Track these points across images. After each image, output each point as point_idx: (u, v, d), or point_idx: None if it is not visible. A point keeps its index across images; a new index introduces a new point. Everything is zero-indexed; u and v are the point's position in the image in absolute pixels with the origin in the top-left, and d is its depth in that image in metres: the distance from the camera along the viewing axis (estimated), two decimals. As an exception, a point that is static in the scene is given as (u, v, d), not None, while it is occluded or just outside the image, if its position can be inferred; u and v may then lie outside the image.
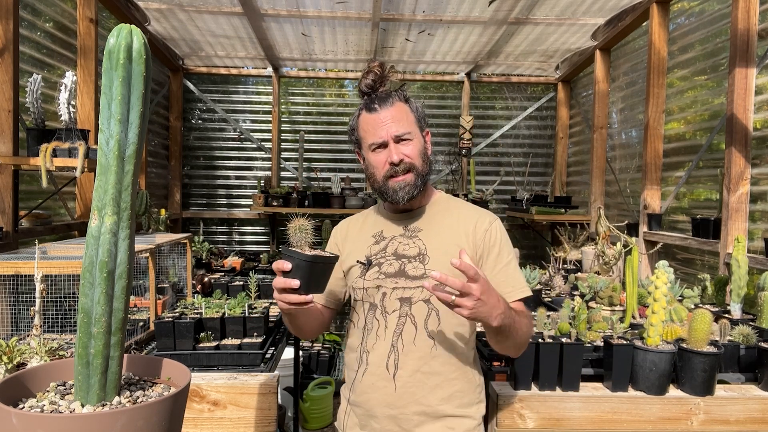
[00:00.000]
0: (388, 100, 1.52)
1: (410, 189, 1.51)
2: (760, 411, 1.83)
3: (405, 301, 1.50)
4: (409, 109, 1.56)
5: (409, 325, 1.49)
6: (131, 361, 1.01)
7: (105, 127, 0.86)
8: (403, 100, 1.55)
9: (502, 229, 1.59)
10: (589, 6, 3.92)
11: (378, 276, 1.53)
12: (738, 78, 2.80)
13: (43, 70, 3.29)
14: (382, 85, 1.57)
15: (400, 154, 1.50)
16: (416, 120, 1.56)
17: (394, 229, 1.61)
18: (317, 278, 1.32)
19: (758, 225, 2.97)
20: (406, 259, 1.53)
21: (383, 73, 1.56)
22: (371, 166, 1.56)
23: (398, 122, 1.51)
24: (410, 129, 1.52)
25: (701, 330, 1.82)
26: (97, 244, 0.86)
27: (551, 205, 4.94)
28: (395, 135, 1.50)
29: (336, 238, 1.71)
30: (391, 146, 1.51)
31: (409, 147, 1.52)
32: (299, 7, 3.97)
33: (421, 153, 1.54)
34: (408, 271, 1.51)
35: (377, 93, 1.55)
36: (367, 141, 1.55)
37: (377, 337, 1.51)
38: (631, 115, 4.51)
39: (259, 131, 5.77)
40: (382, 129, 1.51)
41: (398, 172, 1.50)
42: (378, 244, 1.60)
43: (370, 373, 1.51)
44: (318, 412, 3.95)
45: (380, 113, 1.51)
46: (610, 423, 1.81)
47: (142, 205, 3.67)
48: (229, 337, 2.18)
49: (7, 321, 2.01)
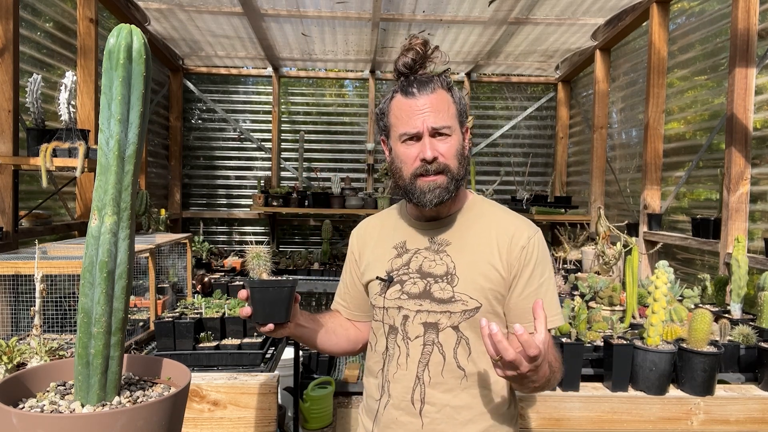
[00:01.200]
0: (429, 86, 1.30)
1: (441, 193, 1.30)
2: (760, 411, 1.82)
3: (430, 326, 1.31)
4: (452, 100, 1.33)
5: (437, 354, 1.31)
6: (131, 361, 1.01)
7: (105, 127, 0.86)
8: (446, 88, 1.33)
9: (541, 244, 1.36)
10: (589, 6, 3.92)
11: (400, 296, 1.35)
12: (738, 78, 2.80)
13: (43, 70, 3.29)
14: (423, 68, 1.34)
15: (435, 151, 1.28)
16: (457, 113, 1.34)
17: (418, 240, 1.41)
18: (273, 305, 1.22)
19: (758, 225, 2.97)
20: (432, 279, 1.33)
21: (425, 53, 1.33)
22: (398, 160, 1.34)
23: (438, 113, 1.29)
24: (450, 123, 1.30)
25: (701, 330, 1.82)
26: (97, 244, 0.86)
27: (551, 205, 4.94)
28: (432, 127, 1.28)
29: (352, 248, 1.52)
30: (425, 140, 1.29)
31: (447, 144, 1.30)
32: (299, 7, 3.97)
33: (458, 153, 1.32)
34: (434, 292, 1.32)
35: (416, 75, 1.33)
36: (398, 129, 1.32)
37: (398, 366, 1.33)
38: (631, 115, 4.51)
39: (259, 131, 5.77)
40: (417, 118, 1.29)
41: (429, 172, 1.29)
42: (400, 257, 1.40)
43: (393, 406, 1.33)
44: (318, 412, 3.95)
45: (418, 99, 1.29)
46: (610, 423, 1.81)
47: (142, 205, 3.67)
48: (229, 337, 2.18)
49: (7, 321, 2.01)
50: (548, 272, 1.36)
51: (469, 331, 1.30)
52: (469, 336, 1.31)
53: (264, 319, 1.23)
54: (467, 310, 1.30)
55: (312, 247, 5.67)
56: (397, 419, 1.33)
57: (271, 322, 1.24)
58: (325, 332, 1.46)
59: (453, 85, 1.36)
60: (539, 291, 1.33)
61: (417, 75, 1.33)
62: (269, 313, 1.23)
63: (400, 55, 1.33)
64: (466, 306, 1.30)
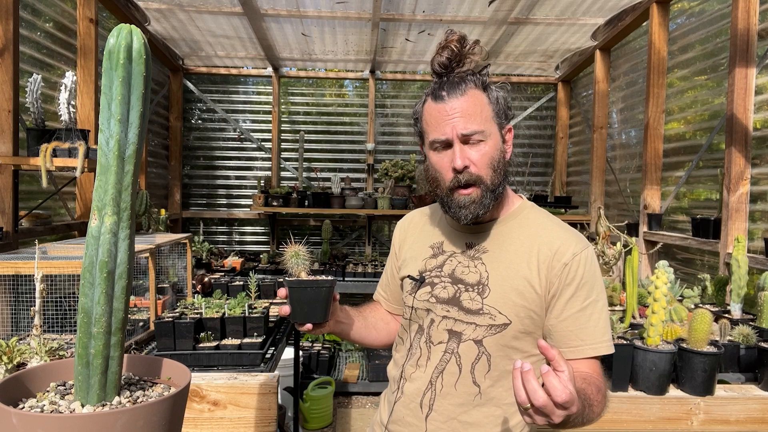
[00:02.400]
0: (460, 87, 1.21)
1: (475, 208, 1.22)
2: (760, 411, 1.82)
3: (454, 335, 1.26)
4: (487, 100, 1.23)
5: (453, 365, 1.25)
6: (131, 361, 1.01)
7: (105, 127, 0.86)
8: (479, 88, 1.23)
9: (589, 262, 1.23)
10: (589, 6, 3.92)
11: (429, 298, 1.30)
12: (738, 78, 2.80)
13: (43, 70, 3.29)
14: (460, 66, 1.24)
15: (465, 159, 1.20)
16: (494, 114, 1.24)
17: (456, 243, 1.34)
18: (312, 305, 1.21)
19: (758, 225, 2.97)
20: (463, 286, 1.27)
21: (462, 50, 1.23)
22: (433, 169, 1.27)
23: (468, 117, 1.20)
24: (483, 126, 1.21)
25: (701, 330, 1.82)
26: (97, 244, 0.86)
27: (551, 205, 4.94)
28: (462, 133, 1.20)
29: (394, 240, 1.50)
30: (456, 147, 1.21)
31: (480, 152, 1.21)
32: (299, 7, 3.97)
33: (493, 160, 1.22)
34: (463, 301, 1.25)
35: (449, 76, 1.24)
36: (429, 136, 1.25)
37: (417, 367, 1.30)
38: (631, 115, 4.51)
39: (259, 131, 5.77)
40: (447, 124, 1.20)
41: (461, 183, 1.22)
42: (435, 258, 1.35)
43: (403, 404, 1.32)
44: (318, 412, 3.95)
45: (447, 103, 1.21)
46: (610, 423, 1.81)
47: (142, 205, 3.67)
48: (229, 337, 2.18)
49: (7, 321, 2.01)
50: (596, 294, 1.23)
51: (493, 347, 1.23)
52: (492, 353, 1.23)
53: (303, 318, 1.23)
54: (494, 325, 1.23)
55: (312, 247, 5.64)
56: (404, 418, 1.31)
57: (309, 322, 1.23)
58: (365, 327, 1.45)
59: (490, 83, 1.26)
60: (583, 313, 1.21)
61: (450, 76, 1.24)
62: (308, 313, 1.22)
63: (436, 53, 1.26)
64: (493, 321, 1.23)
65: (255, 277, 2.78)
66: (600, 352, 1.21)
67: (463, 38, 1.24)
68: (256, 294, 2.68)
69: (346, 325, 1.39)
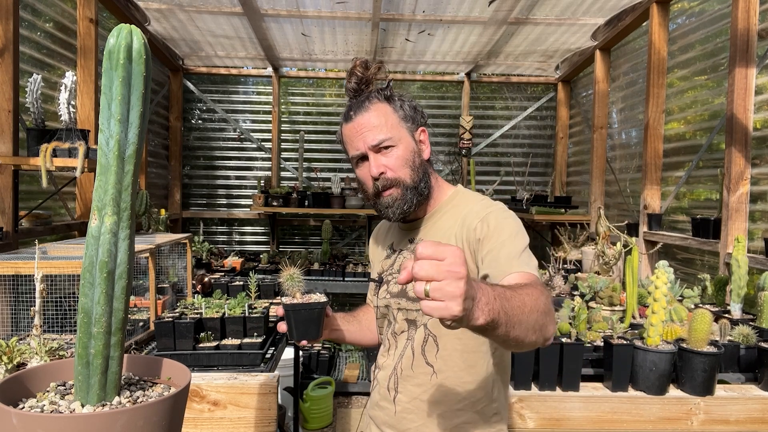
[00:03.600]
0: (364, 104, 1.34)
1: (400, 205, 1.33)
2: (760, 411, 1.82)
3: (411, 323, 1.38)
4: (391, 109, 1.35)
5: (409, 349, 1.38)
6: (131, 361, 1.01)
7: (105, 127, 0.86)
8: (382, 100, 1.35)
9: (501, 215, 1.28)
10: (589, 6, 3.92)
11: (386, 295, 1.44)
12: (738, 78, 2.80)
13: (43, 70, 3.29)
14: (369, 87, 1.37)
15: (380, 166, 1.32)
16: (401, 120, 1.35)
17: (402, 241, 1.48)
18: (305, 324, 1.33)
19: (758, 225, 2.97)
20: None
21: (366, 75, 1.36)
22: (359, 181, 1.40)
23: (375, 129, 1.31)
24: (391, 134, 1.32)
25: (701, 330, 1.82)
26: (97, 244, 0.85)
27: (551, 205, 4.93)
28: (371, 144, 1.31)
29: (369, 248, 1.64)
30: (370, 157, 1.32)
31: (392, 156, 1.32)
32: (299, 7, 3.97)
33: (407, 160, 1.33)
34: (408, 291, 1.37)
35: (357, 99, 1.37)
36: (349, 153, 1.39)
37: (387, 356, 1.45)
38: (631, 115, 4.51)
39: (259, 131, 5.77)
40: (358, 140, 1.33)
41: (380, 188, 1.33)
42: (389, 258, 1.49)
43: (377, 390, 1.46)
44: (318, 412, 3.95)
45: (356, 121, 1.33)
46: (610, 423, 1.81)
47: (142, 205, 3.67)
48: (229, 337, 2.18)
49: (7, 321, 2.01)
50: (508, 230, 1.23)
51: (436, 327, 1.32)
52: (437, 333, 1.32)
53: (299, 336, 1.35)
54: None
55: (312, 247, 5.67)
56: (378, 402, 1.45)
57: (304, 339, 1.36)
58: (360, 330, 1.57)
59: (392, 93, 1.37)
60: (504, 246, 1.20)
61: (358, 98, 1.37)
62: (303, 331, 1.35)
63: (346, 80, 1.39)
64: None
65: (255, 277, 2.77)
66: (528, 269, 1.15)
67: (365, 62, 1.37)
68: (256, 294, 2.68)
69: (340, 332, 1.51)
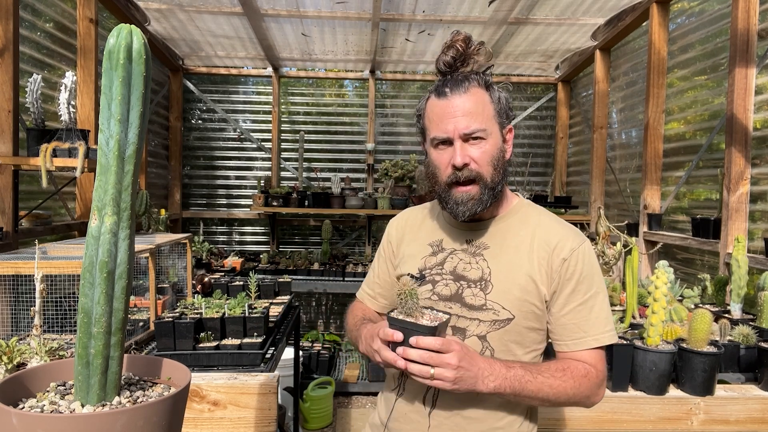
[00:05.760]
0: (463, 85, 1.23)
1: (474, 205, 1.24)
2: (760, 411, 1.82)
3: (458, 331, 1.26)
4: (489, 99, 1.25)
5: None
6: (131, 361, 1.01)
7: (105, 127, 0.86)
8: (482, 86, 1.25)
9: (587, 256, 1.27)
10: (589, 6, 3.92)
11: (430, 296, 1.30)
12: (738, 78, 2.80)
13: (43, 70, 3.29)
14: (464, 66, 1.26)
15: (466, 157, 1.22)
16: (496, 113, 1.26)
17: (455, 240, 1.35)
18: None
19: (758, 225, 2.97)
20: (466, 282, 1.28)
21: (467, 51, 1.25)
22: (433, 165, 1.28)
23: (471, 116, 1.21)
24: (485, 125, 1.22)
25: (701, 330, 1.82)
26: (97, 244, 0.85)
27: (551, 205, 4.93)
28: (463, 132, 1.21)
29: (390, 238, 1.47)
30: (456, 145, 1.22)
31: (480, 149, 1.23)
32: (299, 7, 3.97)
33: (494, 158, 1.24)
34: (465, 297, 1.27)
35: (453, 75, 1.26)
36: (430, 133, 1.27)
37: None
38: (631, 115, 4.51)
39: (259, 131, 5.76)
40: (449, 122, 1.22)
41: (460, 179, 1.23)
42: (435, 255, 1.34)
43: (405, 400, 1.31)
44: (318, 412, 3.95)
45: (450, 100, 1.22)
46: (610, 423, 1.81)
47: (142, 205, 3.67)
48: (229, 337, 2.18)
49: (7, 321, 2.01)
50: (596, 287, 1.26)
51: (496, 342, 1.25)
52: (495, 347, 1.25)
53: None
54: (498, 320, 1.24)
55: (312, 247, 5.67)
56: (406, 414, 1.30)
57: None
58: None
59: (492, 83, 1.27)
60: (584, 307, 1.25)
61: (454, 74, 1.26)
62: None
63: (441, 53, 1.27)
64: (497, 316, 1.24)
65: (255, 277, 2.78)
66: (602, 342, 1.24)
67: (469, 39, 1.25)
68: (256, 294, 2.68)
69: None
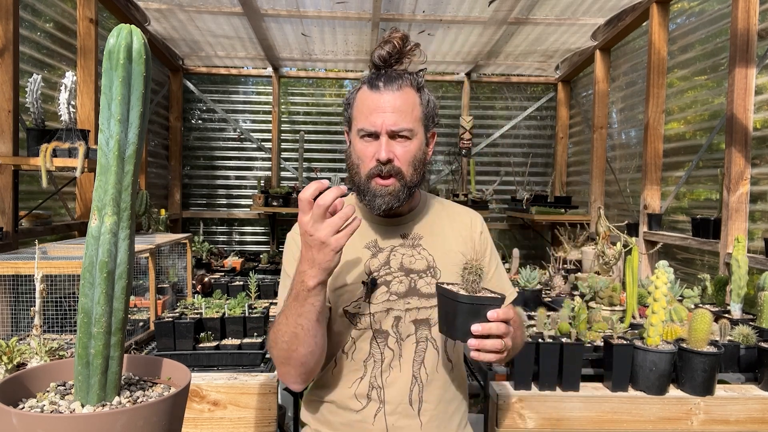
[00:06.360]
0: (397, 82, 1.25)
1: (391, 199, 1.26)
2: (760, 411, 1.82)
3: (422, 323, 1.29)
4: (419, 101, 1.28)
5: (431, 350, 1.30)
6: (131, 361, 1.01)
7: (105, 127, 0.86)
8: (414, 87, 1.27)
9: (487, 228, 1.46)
10: (589, 6, 3.92)
11: (388, 297, 1.29)
12: (738, 78, 2.80)
13: (43, 70, 3.29)
14: (399, 63, 1.29)
15: (390, 153, 1.24)
16: (423, 116, 1.29)
17: (390, 237, 1.35)
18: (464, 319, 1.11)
19: (758, 225, 2.97)
20: (416, 275, 1.31)
21: (403, 48, 1.26)
22: (355, 155, 1.29)
23: (400, 114, 1.23)
24: (412, 125, 1.25)
25: (701, 330, 1.82)
26: (97, 244, 0.85)
27: (551, 205, 4.94)
28: (391, 129, 1.23)
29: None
30: (382, 140, 1.24)
31: (405, 148, 1.25)
32: (299, 7, 3.97)
33: (416, 159, 1.27)
34: (421, 288, 1.30)
35: (387, 70, 1.28)
36: (357, 123, 1.28)
37: (391, 369, 1.28)
38: (631, 115, 4.51)
39: (259, 131, 5.77)
40: (378, 116, 1.23)
41: (382, 173, 1.25)
42: (376, 256, 1.33)
43: (388, 412, 1.27)
44: (318, 412, 3.95)
45: (382, 95, 1.24)
46: (611, 423, 1.81)
47: (142, 205, 3.67)
48: (229, 337, 2.18)
49: (7, 321, 2.01)
50: (496, 252, 1.47)
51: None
52: None
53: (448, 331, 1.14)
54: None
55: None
56: (393, 425, 1.27)
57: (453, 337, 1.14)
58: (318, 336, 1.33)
59: (424, 85, 1.31)
60: (498, 271, 1.44)
61: (388, 70, 1.28)
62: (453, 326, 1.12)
63: (377, 47, 1.28)
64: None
65: (255, 277, 2.78)
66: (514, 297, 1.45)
67: (406, 37, 1.28)
68: (256, 294, 2.68)
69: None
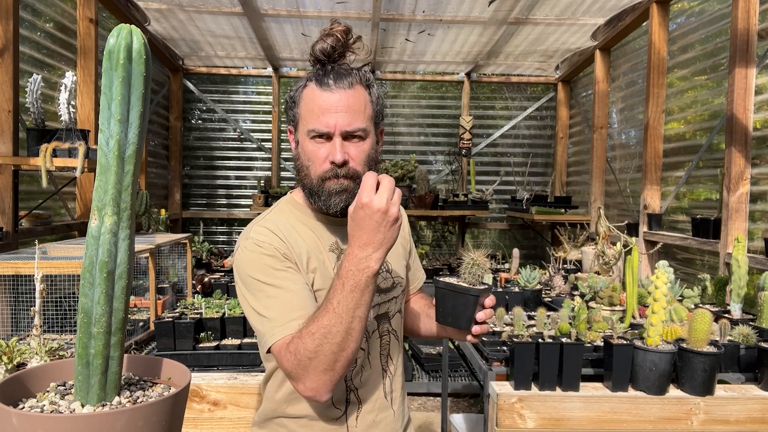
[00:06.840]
0: (347, 79, 1.18)
1: (347, 198, 1.20)
2: (760, 411, 1.82)
3: (382, 317, 1.31)
4: (369, 98, 1.22)
5: (393, 341, 1.34)
6: (131, 361, 1.01)
7: (105, 127, 0.86)
8: (364, 84, 1.22)
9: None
10: (589, 6, 3.92)
11: None
12: (738, 78, 2.80)
13: (43, 70, 3.29)
14: (342, 58, 1.22)
15: (345, 155, 1.18)
16: (374, 114, 1.24)
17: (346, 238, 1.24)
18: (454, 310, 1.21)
19: (758, 225, 2.97)
20: None
21: (346, 41, 1.20)
22: (305, 157, 1.21)
23: (353, 113, 1.18)
24: (365, 125, 1.20)
25: (701, 330, 1.82)
26: (97, 244, 0.85)
27: (551, 205, 4.94)
28: (345, 130, 1.17)
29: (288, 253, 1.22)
30: (336, 141, 1.17)
31: (359, 148, 1.20)
32: (299, 7, 3.97)
33: (369, 158, 1.23)
34: (380, 284, 1.29)
35: (334, 65, 1.21)
36: (307, 124, 1.19)
37: (363, 368, 1.27)
38: (631, 115, 4.51)
39: (259, 131, 5.77)
40: (330, 116, 1.16)
41: (339, 175, 1.19)
42: (340, 259, 1.25)
43: (367, 411, 1.27)
44: (318, 412, 3.95)
45: (333, 94, 1.17)
46: (610, 423, 1.81)
47: (142, 205, 3.67)
48: (229, 337, 2.18)
49: (7, 321, 2.01)
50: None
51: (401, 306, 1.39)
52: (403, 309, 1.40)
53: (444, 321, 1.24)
54: (402, 290, 1.37)
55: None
56: (373, 420, 1.27)
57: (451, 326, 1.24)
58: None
59: (373, 82, 1.25)
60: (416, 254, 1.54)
61: (335, 65, 1.20)
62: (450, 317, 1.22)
63: (318, 39, 1.21)
64: (402, 286, 1.38)
65: (255, 277, 2.77)
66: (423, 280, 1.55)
67: (349, 30, 1.21)
68: (256, 294, 2.68)
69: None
